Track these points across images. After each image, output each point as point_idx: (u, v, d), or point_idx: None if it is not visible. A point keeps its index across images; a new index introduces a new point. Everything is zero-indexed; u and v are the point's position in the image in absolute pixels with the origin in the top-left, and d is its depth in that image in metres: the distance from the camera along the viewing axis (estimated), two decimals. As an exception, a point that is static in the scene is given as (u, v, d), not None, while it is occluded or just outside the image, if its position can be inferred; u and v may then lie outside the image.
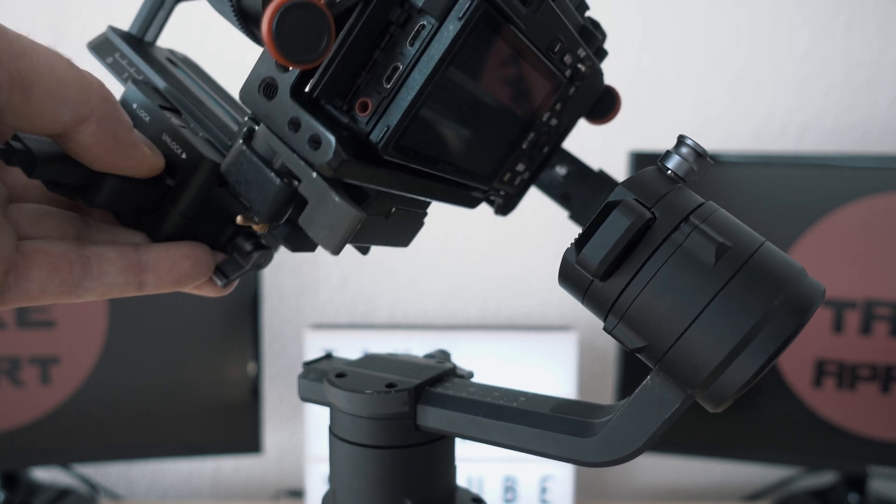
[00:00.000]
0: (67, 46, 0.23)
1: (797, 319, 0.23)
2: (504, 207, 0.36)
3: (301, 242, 0.28)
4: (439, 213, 0.43)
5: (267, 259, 0.29)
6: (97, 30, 0.38)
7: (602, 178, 0.37)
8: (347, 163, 0.22)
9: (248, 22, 0.29)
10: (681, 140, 0.25)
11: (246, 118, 0.26)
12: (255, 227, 0.25)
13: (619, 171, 0.34)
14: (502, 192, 0.35)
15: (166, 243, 0.27)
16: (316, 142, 0.22)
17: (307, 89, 0.23)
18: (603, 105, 0.35)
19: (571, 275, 0.25)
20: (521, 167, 0.34)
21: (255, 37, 0.30)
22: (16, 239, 0.23)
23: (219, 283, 0.29)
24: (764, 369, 0.23)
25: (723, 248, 0.23)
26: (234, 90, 0.29)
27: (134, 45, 0.31)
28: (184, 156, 0.26)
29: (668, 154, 0.25)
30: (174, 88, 0.30)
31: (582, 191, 0.37)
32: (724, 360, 0.23)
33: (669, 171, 0.25)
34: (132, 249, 0.26)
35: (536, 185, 0.38)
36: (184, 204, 0.27)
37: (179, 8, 0.33)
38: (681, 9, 1.01)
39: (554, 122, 0.33)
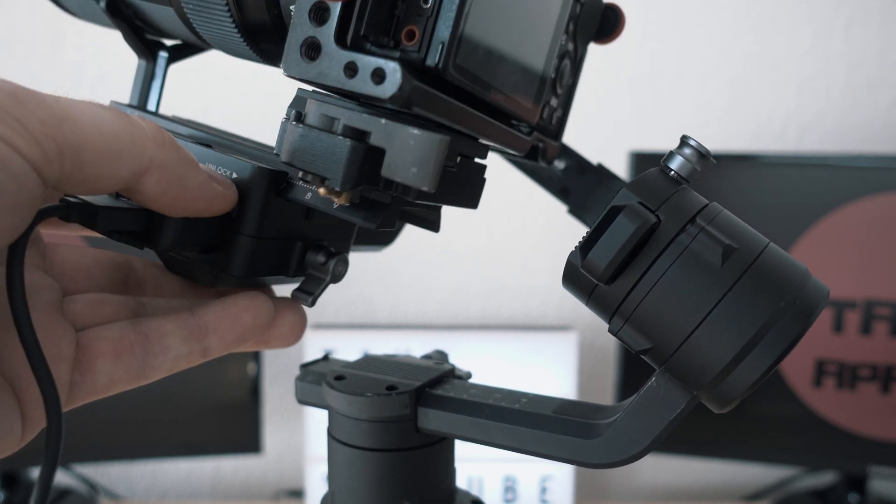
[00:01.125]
0: (68, 46, 0.23)
1: (804, 320, 0.23)
2: (546, 153, 0.35)
3: (375, 229, 0.26)
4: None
5: (344, 266, 0.28)
6: (97, 30, 0.38)
7: (601, 172, 0.36)
8: (417, 89, 0.21)
9: (255, 36, 0.28)
10: (684, 141, 0.25)
11: (288, 108, 0.25)
12: (337, 200, 0.24)
13: (619, 171, 0.34)
14: (542, 136, 0.34)
15: (222, 300, 0.25)
16: (379, 76, 0.21)
17: (349, 35, 0.22)
18: (607, 23, 0.34)
19: (576, 278, 0.25)
20: (553, 101, 0.33)
21: (263, 53, 0.29)
22: (75, 335, 0.22)
23: (306, 303, 0.27)
24: (771, 370, 0.23)
25: (729, 250, 0.23)
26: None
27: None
28: (234, 175, 0.25)
29: (671, 155, 0.25)
30: (193, 127, 0.29)
31: (581, 185, 0.37)
32: (732, 361, 0.23)
33: (673, 173, 0.25)
34: (189, 314, 0.25)
35: (534, 179, 0.38)
36: (250, 222, 0.25)
37: (179, 68, 0.33)
38: (681, 9, 1.01)
39: (570, 46, 0.33)
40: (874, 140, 1.03)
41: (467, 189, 0.29)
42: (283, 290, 0.29)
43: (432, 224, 0.31)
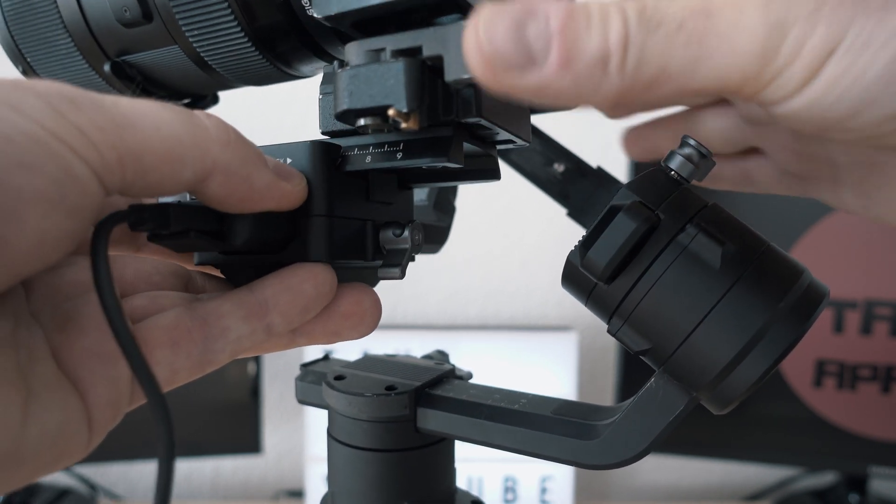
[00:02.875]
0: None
1: (803, 321, 0.23)
2: None
3: (446, 164, 0.25)
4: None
5: (419, 232, 0.27)
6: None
7: (600, 175, 0.36)
8: None
9: (268, 42, 0.28)
10: (684, 141, 0.25)
11: (321, 86, 0.24)
12: (406, 125, 0.23)
13: (619, 171, 0.35)
14: None
15: (279, 272, 0.24)
16: None
17: None
18: None
19: (575, 277, 0.25)
20: None
21: (280, 59, 0.28)
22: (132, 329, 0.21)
23: (396, 276, 0.26)
24: (770, 371, 0.23)
25: (729, 250, 0.23)
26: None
27: None
28: (288, 160, 0.25)
29: (671, 155, 0.25)
30: None
31: (580, 188, 0.37)
32: (731, 361, 0.23)
33: (673, 172, 0.25)
34: (247, 292, 0.23)
35: (534, 182, 0.38)
36: (320, 200, 0.25)
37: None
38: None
39: None
40: (874, 140, 1.03)
41: (518, 115, 0.27)
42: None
43: (492, 172, 0.30)
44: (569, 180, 0.37)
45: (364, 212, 0.27)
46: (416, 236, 0.27)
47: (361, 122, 0.23)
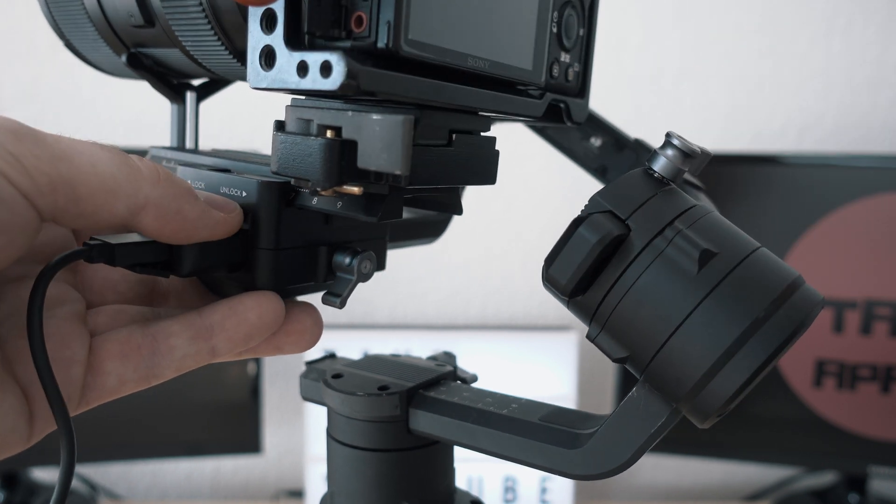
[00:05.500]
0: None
1: (787, 330, 0.22)
2: (570, 112, 0.33)
3: (378, 222, 0.26)
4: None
5: (369, 263, 0.28)
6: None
7: (640, 147, 0.35)
8: (367, 72, 0.21)
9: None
10: (667, 139, 0.24)
11: (274, 122, 0.25)
12: (325, 194, 0.24)
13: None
14: (560, 95, 0.32)
15: (230, 299, 0.26)
16: (327, 69, 0.21)
17: (302, 34, 0.22)
18: None
19: (549, 287, 0.25)
20: (564, 56, 0.31)
21: (233, 49, 0.29)
22: (89, 340, 0.24)
23: (335, 305, 0.27)
24: (751, 382, 0.22)
25: (708, 255, 0.22)
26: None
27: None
28: (243, 194, 0.26)
29: (654, 155, 0.24)
30: (221, 156, 0.30)
31: (619, 162, 0.35)
32: (708, 372, 0.22)
33: (655, 174, 0.24)
34: (196, 315, 0.25)
35: (571, 158, 0.36)
36: (267, 236, 0.26)
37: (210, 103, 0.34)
38: (681, 9, 1.01)
39: None
40: (874, 140, 1.03)
41: (476, 165, 0.28)
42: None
43: (452, 207, 0.30)
44: (606, 155, 0.36)
45: (320, 236, 0.27)
46: (364, 267, 0.27)
47: (293, 181, 0.24)
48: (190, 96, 0.34)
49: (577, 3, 0.31)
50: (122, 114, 0.97)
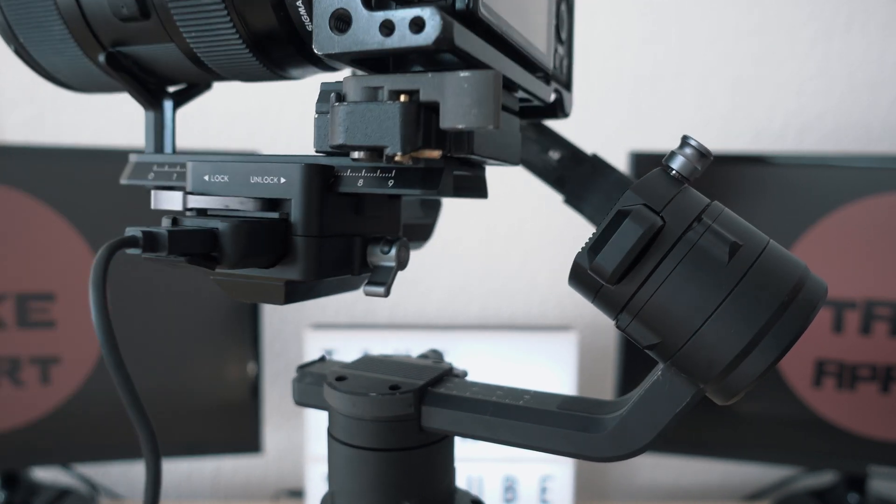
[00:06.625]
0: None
1: (807, 314, 0.24)
2: (563, 104, 0.34)
3: (436, 196, 0.26)
4: (440, 214, 0.43)
5: (406, 250, 0.28)
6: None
7: (596, 162, 0.37)
8: (459, 30, 0.21)
9: (264, 47, 0.28)
10: (684, 140, 0.26)
11: (317, 104, 0.25)
12: (398, 158, 0.23)
13: (619, 161, 0.35)
14: (558, 85, 0.34)
15: None
16: (418, 24, 0.21)
17: None
18: None
19: (583, 278, 0.26)
20: (560, 49, 0.33)
21: (275, 64, 0.28)
22: None
23: (380, 294, 0.27)
24: (776, 363, 0.24)
25: (735, 247, 0.24)
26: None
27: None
28: (282, 180, 0.26)
29: (672, 155, 0.26)
30: (226, 156, 0.30)
31: (577, 175, 0.37)
32: (739, 354, 0.24)
33: (674, 172, 0.25)
34: None
35: (530, 170, 0.38)
36: (312, 222, 0.26)
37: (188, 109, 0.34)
38: (681, 9, 1.01)
39: None
40: (874, 140, 1.03)
41: (512, 143, 0.28)
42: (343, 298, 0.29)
43: (480, 191, 0.30)
44: (565, 167, 0.37)
45: (353, 227, 0.27)
46: (402, 254, 0.28)
47: (356, 155, 0.23)
48: (167, 103, 0.34)
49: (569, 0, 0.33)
50: (122, 114, 0.97)
